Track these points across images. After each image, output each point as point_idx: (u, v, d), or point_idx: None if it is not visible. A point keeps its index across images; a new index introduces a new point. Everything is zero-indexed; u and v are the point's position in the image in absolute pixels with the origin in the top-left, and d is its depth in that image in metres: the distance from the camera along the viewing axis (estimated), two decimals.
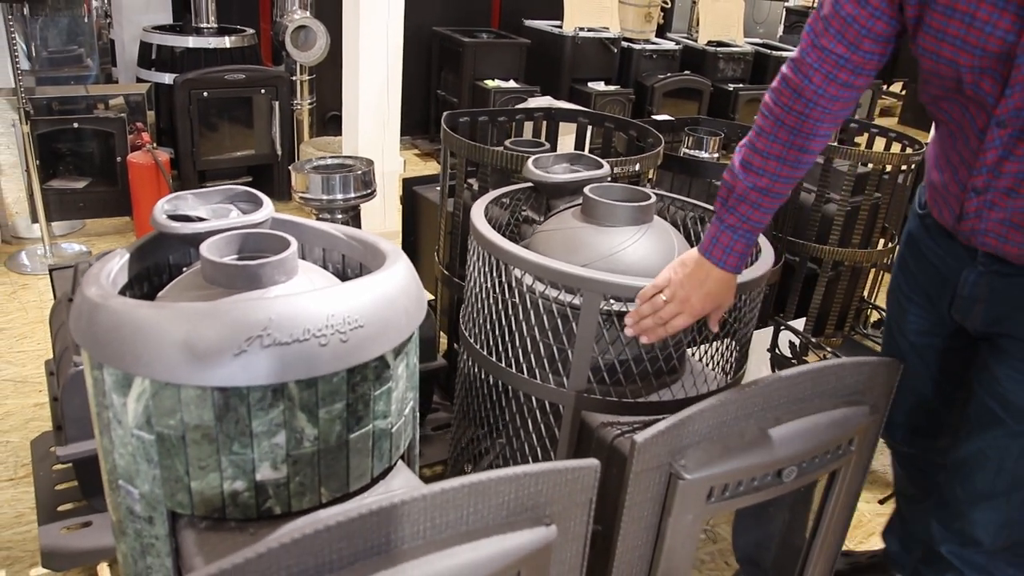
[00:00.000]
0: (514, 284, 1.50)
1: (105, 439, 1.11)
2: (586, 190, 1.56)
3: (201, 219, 1.25)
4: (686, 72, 5.60)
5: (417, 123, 5.52)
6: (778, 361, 2.57)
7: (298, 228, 1.35)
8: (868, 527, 2.29)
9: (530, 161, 1.68)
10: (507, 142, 2.17)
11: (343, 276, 1.34)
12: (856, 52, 1.19)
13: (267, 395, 1.01)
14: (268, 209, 1.31)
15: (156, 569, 1.16)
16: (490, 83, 4.77)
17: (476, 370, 1.62)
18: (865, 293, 3.20)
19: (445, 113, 2.19)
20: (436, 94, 5.41)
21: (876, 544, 2.25)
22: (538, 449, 1.52)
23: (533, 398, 1.49)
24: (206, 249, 1.14)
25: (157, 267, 1.32)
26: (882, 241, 3.09)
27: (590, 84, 5.16)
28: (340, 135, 4.53)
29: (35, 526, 1.93)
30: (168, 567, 1.14)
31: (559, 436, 1.47)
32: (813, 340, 2.43)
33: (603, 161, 1.74)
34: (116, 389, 1.04)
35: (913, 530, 1.72)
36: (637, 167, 1.99)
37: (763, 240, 1.59)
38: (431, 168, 5.19)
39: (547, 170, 1.69)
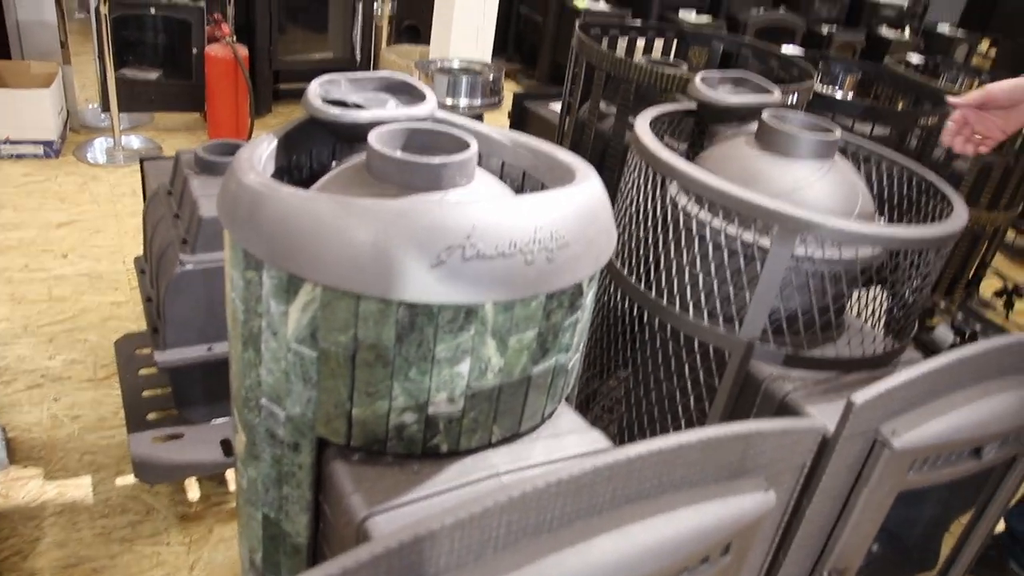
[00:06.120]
0: (686, 218, 1.33)
1: (250, 351, 0.97)
2: (764, 115, 1.38)
3: (358, 107, 1.10)
4: (780, 8, 5.27)
5: (495, 41, 5.26)
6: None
7: (458, 128, 1.19)
8: None
9: (698, 78, 1.49)
10: (643, 58, 1.97)
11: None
12: None
13: (459, 316, 0.86)
14: (432, 103, 1.15)
15: (293, 500, 1.03)
16: (580, 3, 4.50)
17: (618, 300, 1.47)
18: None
19: (579, 23, 1.99)
20: (517, 12, 5.15)
21: None
22: (691, 396, 1.37)
23: (696, 340, 1.33)
24: (376, 140, 0.98)
25: (298, 159, 1.17)
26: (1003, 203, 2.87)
27: (681, 12, 4.87)
28: (417, 45, 4.32)
29: (119, 431, 1.83)
30: (308, 499, 1.02)
31: (719, 385, 1.32)
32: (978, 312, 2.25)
33: (772, 86, 1.55)
34: (276, 294, 0.90)
35: None
36: (794, 97, 1.80)
37: (956, 196, 1.41)
38: (510, 87, 4.97)
39: (715, 90, 1.50)
